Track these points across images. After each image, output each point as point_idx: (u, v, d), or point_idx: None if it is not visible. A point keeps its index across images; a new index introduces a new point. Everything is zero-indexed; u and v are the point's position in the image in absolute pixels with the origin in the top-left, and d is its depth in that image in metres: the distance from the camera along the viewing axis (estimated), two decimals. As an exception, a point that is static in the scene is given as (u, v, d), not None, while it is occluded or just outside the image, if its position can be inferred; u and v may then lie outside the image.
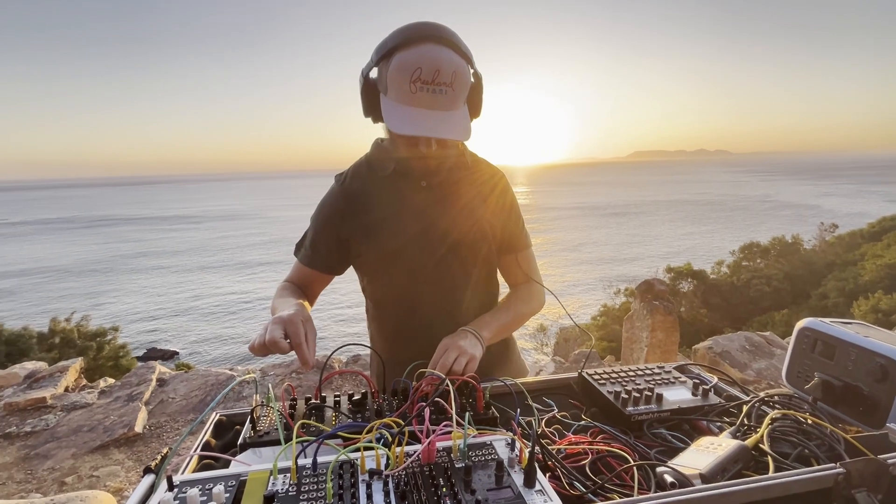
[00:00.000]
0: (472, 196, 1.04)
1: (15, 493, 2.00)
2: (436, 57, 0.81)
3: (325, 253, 1.04)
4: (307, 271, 1.06)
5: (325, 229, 1.04)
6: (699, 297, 15.32)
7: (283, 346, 0.77)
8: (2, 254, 43.29)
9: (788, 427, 0.79)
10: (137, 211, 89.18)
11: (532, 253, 1.16)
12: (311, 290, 1.08)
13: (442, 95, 0.82)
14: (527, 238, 1.14)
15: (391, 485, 0.57)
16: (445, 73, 0.81)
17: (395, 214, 1.01)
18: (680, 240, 37.47)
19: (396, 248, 1.01)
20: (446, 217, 1.02)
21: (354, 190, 1.02)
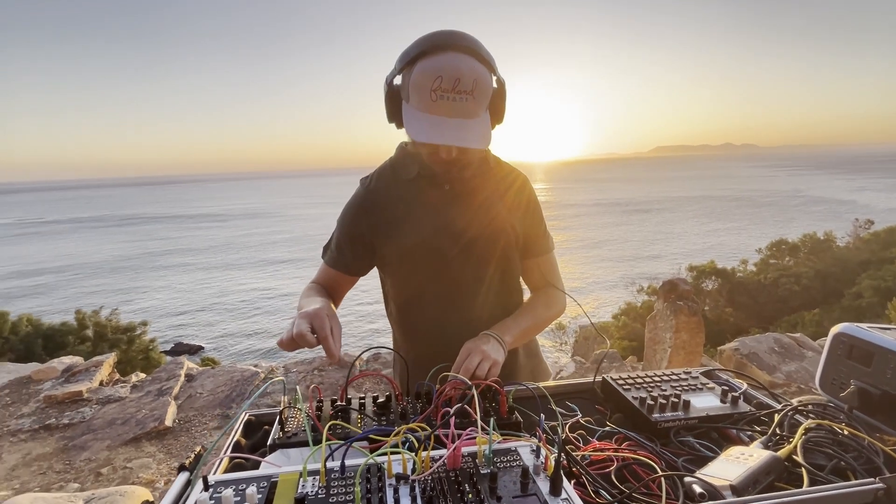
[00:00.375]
0: (492, 198, 1.04)
1: (55, 482, 2.10)
2: (456, 65, 0.81)
3: (349, 255, 1.06)
4: (332, 273, 1.08)
5: (349, 231, 1.05)
6: (724, 296, 14.92)
7: (310, 339, 0.79)
8: (38, 251, 45.15)
9: (823, 437, 0.76)
10: (164, 209, 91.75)
11: (554, 257, 1.16)
12: (337, 291, 1.09)
13: (462, 103, 0.82)
14: (549, 242, 1.13)
15: (417, 489, 0.58)
16: (466, 82, 0.81)
17: (414, 213, 1.02)
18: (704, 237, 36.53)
19: (414, 245, 1.02)
20: (464, 217, 1.02)
21: (378, 192, 1.04)
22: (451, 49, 0.82)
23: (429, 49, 0.82)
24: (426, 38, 0.84)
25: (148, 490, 0.93)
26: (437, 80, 0.81)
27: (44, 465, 2.22)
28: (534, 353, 1.22)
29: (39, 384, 2.91)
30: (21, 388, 2.88)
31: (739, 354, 3.46)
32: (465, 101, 0.83)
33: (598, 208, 59.85)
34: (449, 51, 0.82)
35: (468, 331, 1.00)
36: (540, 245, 1.11)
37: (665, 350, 3.03)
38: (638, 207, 58.25)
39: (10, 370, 3.06)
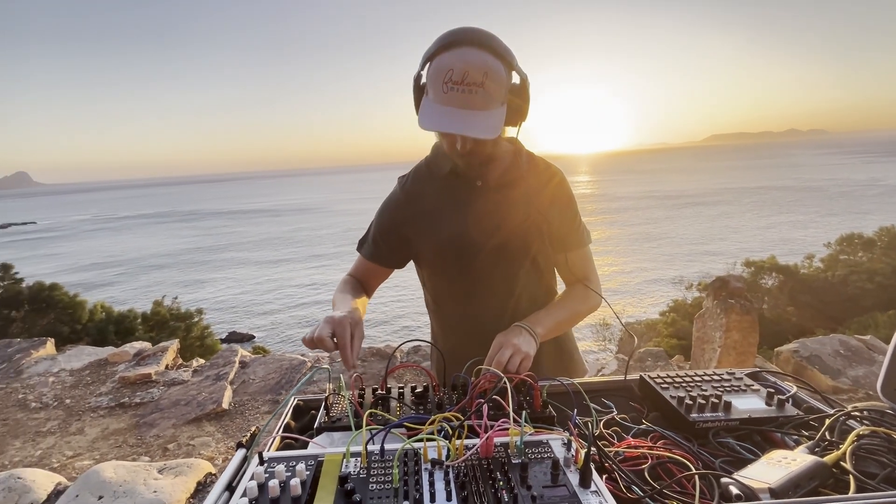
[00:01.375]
0: (524, 194, 1.05)
1: (128, 455, 2.32)
2: (467, 59, 0.84)
3: (385, 248, 1.10)
4: (368, 265, 1.12)
5: (386, 225, 1.10)
6: (786, 294, 13.95)
7: (328, 344, 0.83)
8: (112, 244, 49.12)
9: (878, 445, 0.73)
10: (221, 206, 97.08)
11: (588, 251, 1.15)
12: (371, 282, 1.14)
13: (473, 95, 0.84)
14: (583, 236, 1.12)
15: (451, 475, 0.61)
16: (475, 74, 0.84)
17: (448, 210, 1.05)
18: (766, 231, 34.11)
19: (447, 241, 1.05)
20: (497, 213, 1.04)
21: (414, 190, 1.08)
22: (465, 44, 0.85)
23: (444, 45, 0.86)
24: (442, 35, 0.88)
25: (210, 464, 1.03)
26: (449, 72, 0.84)
27: (119, 440, 2.46)
28: (568, 349, 1.22)
29: (115, 366, 3.20)
30: (99, 369, 3.19)
31: (799, 357, 3.26)
32: (475, 94, 0.85)
33: (647, 201, 57.29)
34: (462, 46, 0.85)
35: (501, 324, 1.02)
36: (574, 239, 1.11)
37: (714, 350, 2.91)
38: (691, 200, 55.26)
39: (90, 353, 3.39)
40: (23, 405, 2.76)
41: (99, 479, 0.96)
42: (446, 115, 0.86)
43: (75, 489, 0.92)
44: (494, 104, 0.88)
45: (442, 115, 0.86)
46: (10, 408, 2.75)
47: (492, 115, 0.88)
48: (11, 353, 3.38)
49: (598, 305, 1.14)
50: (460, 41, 0.85)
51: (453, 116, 0.85)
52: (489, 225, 1.04)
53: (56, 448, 2.38)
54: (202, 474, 1.03)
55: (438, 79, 0.85)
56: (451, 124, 0.85)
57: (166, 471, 0.98)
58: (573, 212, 1.11)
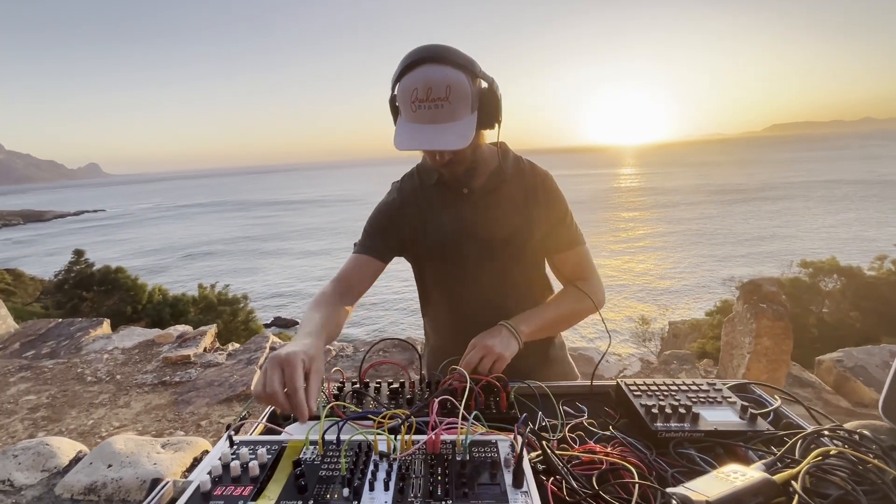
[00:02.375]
0: (510, 198, 1.07)
1: (167, 428, 2.54)
2: (427, 76, 0.87)
3: (380, 243, 1.10)
4: (363, 259, 1.09)
5: (380, 222, 1.12)
6: (848, 298, 12.94)
7: (280, 401, 0.69)
8: (173, 231, 52.49)
9: (839, 467, 0.70)
10: (271, 196, 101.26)
11: (584, 251, 1.14)
12: (362, 281, 1.09)
13: (438, 110, 0.88)
14: (574, 236, 1.13)
15: (394, 467, 0.66)
16: (438, 89, 0.87)
17: (437, 217, 1.08)
18: (834, 229, 31.46)
19: (437, 246, 1.08)
20: (484, 219, 1.07)
21: (405, 196, 1.12)
22: (425, 62, 0.88)
23: (406, 67, 0.90)
24: (405, 56, 0.91)
25: (208, 442, 1.13)
26: (414, 91, 0.88)
27: (159, 414, 2.69)
28: (557, 351, 1.23)
29: (160, 346, 3.48)
30: (147, 349, 3.48)
31: (842, 367, 3.06)
32: (441, 108, 0.88)
33: (698, 195, 54.31)
34: (423, 64, 0.88)
35: (490, 324, 1.04)
36: (565, 240, 1.12)
37: (743, 356, 2.78)
38: (748, 195, 51.88)
39: (140, 334, 3.70)
40: (80, 378, 3.07)
41: (111, 449, 1.08)
42: (417, 132, 0.89)
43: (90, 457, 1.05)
44: (463, 114, 0.91)
45: (413, 132, 0.90)
46: (70, 380, 3.07)
47: (461, 125, 0.90)
48: (73, 331, 3.75)
49: (594, 309, 1.13)
50: (420, 60, 0.89)
51: (423, 133, 0.89)
52: (477, 231, 1.07)
53: (105, 419, 2.64)
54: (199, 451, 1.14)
55: (406, 99, 0.90)
56: (422, 141, 0.89)
57: (168, 446, 1.10)
58: (562, 213, 1.11)
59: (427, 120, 0.89)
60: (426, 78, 0.87)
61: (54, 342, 3.60)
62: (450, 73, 0.88)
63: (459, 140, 0.89)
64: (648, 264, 25.66)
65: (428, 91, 0.87)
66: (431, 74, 0.88)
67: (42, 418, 2.64)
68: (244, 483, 0.64)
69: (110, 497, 0.97)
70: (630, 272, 24.78)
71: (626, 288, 21.71)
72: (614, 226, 37.62)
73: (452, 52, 0.90)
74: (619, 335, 15.68)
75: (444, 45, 0.91)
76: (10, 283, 17.26)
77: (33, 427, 2.54)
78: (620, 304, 20.34)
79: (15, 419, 2.63)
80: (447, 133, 0.89)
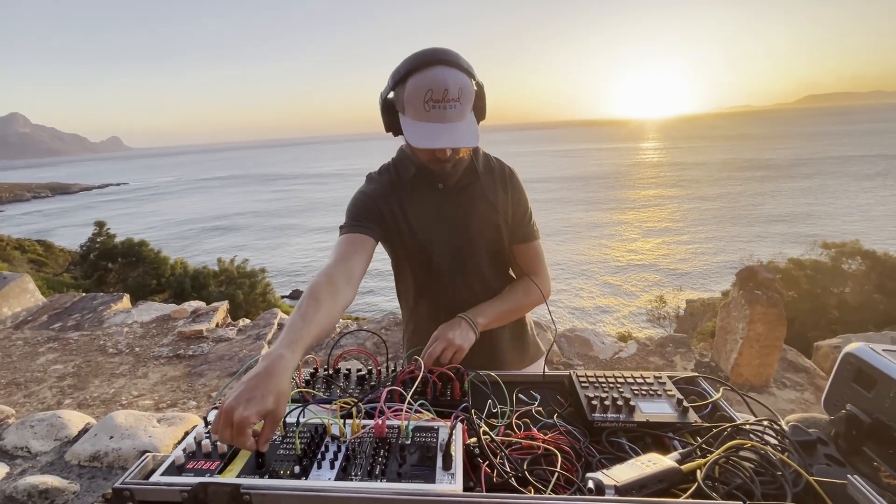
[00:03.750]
0: (482, 193, 1.13)
1: (181, 399, 2.74)
2: (444, 78, 0.92)
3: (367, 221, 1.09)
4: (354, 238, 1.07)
5: (364, 205, 1.12)
6: (872, 281, 12.59)
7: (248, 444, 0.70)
8: (196, 203, 53.54)
9: (747, 460, 0.77)
10: (293, 169, 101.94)
11: (538, 245, 1.21)
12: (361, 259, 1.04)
13: (452, 110, 0.94)
14: (532, 230, 1.19)
15: (342, 448, 0.75)
16: (453, 91, 0.93)
17: (415, 211, 1.14)
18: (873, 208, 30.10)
19: (412, 241, 1.14)
20: (458, 213, 1.13)
21: (386, 185, 1.15)
22: (438, 64, 0.93)
23: (418, 66, 0.94)
24: (413, 57, 0.96)
25: (199, 418, 1.24)
26: (428, 92, 0.92)
27: (174, 385, 2.88)
28: (521, 335, 1.30)
29: (176, 321, 3.68)
30: (164, 323, 3.68)
31: (839, 353, 3.07)
32: (454, 108, 0.94)
33: (725, 171, 52.37)
34: (436, 66, 0.93)
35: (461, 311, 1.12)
36: (523, 233, 1.18)
37: (736, 341, 2.82)
38: (778, 171, 49.83)
39: (157, 308, 3.91)
40: (102, 350, 3.29)
41: (113, 423, 1.22)
42: (433, 131, 0.95)
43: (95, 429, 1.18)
44: (468, 114, 0.98)
45: (429, 131, 0.95)
46: (93, 352, 3.29)
47: (469, 124, 0.98)
48: (96, 304, 3.98)
49: (542, 300, 1.20)
50: (433, 61, 0.93)
51: (440, 132, 0.94)
52: (451, 225, 1.13)
53: (125, 388, 2.85)
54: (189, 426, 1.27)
55: (418, 97, 0.93)
56: (442, 139, 0.95)
57: (163, 421, 1.22)
58: (525, 207, 1.18)
59: (439, 119, 0.94)
60: (444, 79, 0.92)
61: (79, 315, 3.83)
62: (460, 76, 0.94)
63: (473, 138, 0.96)
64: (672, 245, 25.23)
65: (444, 92, 0.92)
66: (448, 77, 0.93)
67: (69, 386, 2.86)
68: (213, 459, 0.74)
69: (111, 464, 1.11)
70: (653, 252, 24.45)
71: (647, 268, 21.50)
72: (638, 203, 36.85)
73: (459, 57, 0.96)
74: (638, 316, 15.64)
75: (448, 48, 0.97)
76: (41, 253, 18.03)
77: (60, 394, 2.77)
78: (640, 283, 20.19)
79: (44, 387, 2.86)
80: (461, 131, 0.95)
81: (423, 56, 0.94)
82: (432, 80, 0.92)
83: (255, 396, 0.71)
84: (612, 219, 31.99)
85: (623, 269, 22.52)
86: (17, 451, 1.17)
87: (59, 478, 1.02)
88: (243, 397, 0.70)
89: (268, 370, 0.75)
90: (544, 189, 44.86)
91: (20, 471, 1.10)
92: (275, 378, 0.74)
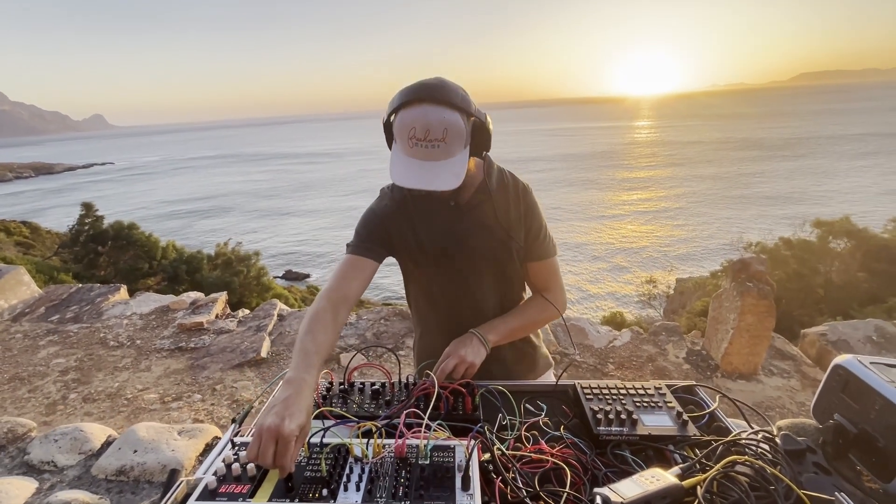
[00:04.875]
0: (493, 212, 1.14)
1: (186, 392, 2.78)
2: (427, 118, 0.92)
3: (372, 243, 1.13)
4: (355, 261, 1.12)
5: (373, 224, 1.16)
6: (858, 259, 12.85)
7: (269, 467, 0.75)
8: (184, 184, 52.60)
9: (743, 475, 0.83)
10: (284, 148, 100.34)
11: (554, 262, 1.22)
12: (359, 282, 1.11)
13: (434, 149, 0.93)
14: (548, 248, 1.19)
15: (366, 470, 0.80)
16: (436, 131, 0.92)
17: (427, 229, 1.15)
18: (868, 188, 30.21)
19: (424, 256, 1.16)
20: (469, 231, 1.14)
21: (394, 206, 1.17)
22: (425, 101, 0.92)
23: (405, 102, 0.94)
24: (406, 90, 0.96)
25: (217, 428, 1.29)
26: (412, 129, 0.92)
27: (178, 378, 2.93)
28: (530, 350, 1.34)
29: (175, 312, 3.70)
30: (163, 315, 3.70)
31: (825, 341, 3.18)
32: (437, 148, 0.93)
33: (719, 151, 52.32)
34: (423, 103, 0.92)
35: (472, 327, 1.15)
36: (538, 251, 1.19)
37: (727, 331, 2.91)
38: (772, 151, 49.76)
39: (155, 300, 3.92)
40: (103, 343, 3.31)
41: (136, 437, 1.25)
42: (412, 168, 0.95)
43: (118, 443, 1.22)
44: (456, 151, 0.97)
45: (408, 169, 0.95)
46: (94, 345, 3.31)
47: (454, 163, 0.96)
48: (93, 296, 3.97)
49: (557, 316, 1.22)
50: (419, 98, 0.93)
51: (419, 170, 0.94)
52: (461, 242, 1.14)
53: (129, 382, 2.88)
54: (209, 437, 1.31)
55: (403, 133, 0.94)
56: (416, 180, 0.94)
57: (183, 433, 1.26)
58: (539, 225, 1.18)
59: (422, 156, 0.94)
60: (425, 119, 0.92)
61: (77, 307, 3.83)
62: (447, 114, 0.93)
63: (452, 180, 0.95)
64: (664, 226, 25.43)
65: (426, 132, 0.92)
66: (430, 116, 0.92)
67: (72, 380, 2.89)
68: (243, 482, 0.79)
69: (137, 479, 1.15)
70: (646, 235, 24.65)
71: (638, 253, 21.72)
72: (630, 185, 36.92)
73: (450, 92, 0.95)
74: (631, 297, 15.87)
75: (443, 81, 0.96)
76: (27, 236, 17.71)
77: (65, 389, 2.80)
78: (631, 265, 20.43)
79: (48, 381, 2.89)
80: (441, 172, 0.95)
81: (412, 91, 0.94)
82: (415, 119, 0.92)
83: (294, 412, 0.78)
84: (602, 199, 32.11)
85: (615, 251, 22.77)
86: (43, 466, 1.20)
87: (90, 493, 1.05)
88: (283, 414, 0.76)
89: (297, 391, 0.82)
90: (536, 168, 44.72)
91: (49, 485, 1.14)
92: (303, 397, 0.82)
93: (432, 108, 0.93)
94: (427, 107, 0.93)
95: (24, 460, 1.21)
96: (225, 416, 2.57)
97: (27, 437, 1.34)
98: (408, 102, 0.94)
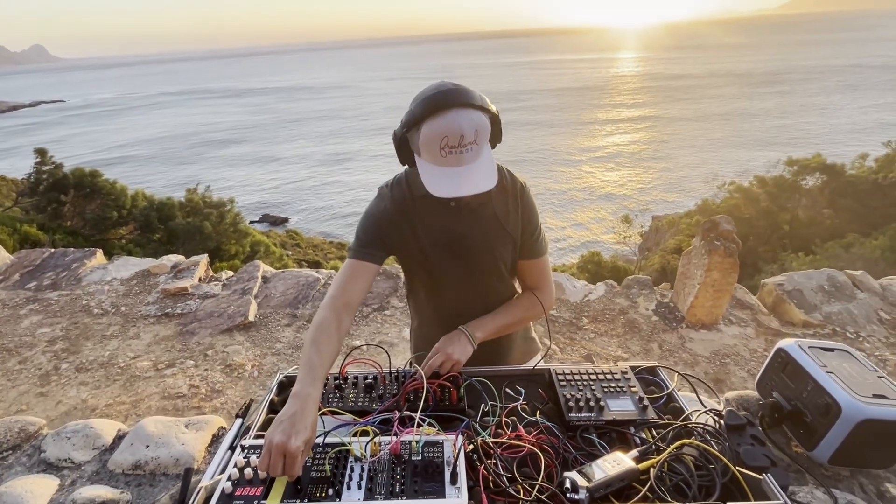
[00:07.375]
0: (493, 211, 1.17)
1: (178, 358, 2.86)
2: (459, 124, 0.92)
3: (373, 247, 1.16)
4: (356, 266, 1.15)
5: (372, 227, 1.17)
6: (825, 196, 13.30)
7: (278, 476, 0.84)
8: (155, 121, 49.38)
9: (692, 456, 0.97)
10: (256, 83, 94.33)
11: (544, 260, 1.26)
12: (360, 290, 1.15)
13: (468, 153, 0.95)
14: (540, 247, 1.24)
15: (365, 468, 0.90)
16: (469, 135, 0.93)
17: (427, 229, 1.17)
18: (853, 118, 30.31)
19: (424, 255, 1.19)
20: (469, 231, 1.17)
21: (394, 205, 1.18)
22: (452, 107, 0.92)
23: (431, 111, 0.93)
24: (426, 100, 0.94)
25: (223, 419, 1.37)
26: (444, 139, 0.93)
27: (168, 345, 2.99)
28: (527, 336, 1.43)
29: (156, 277, 3.68)
30: (144, 279, 3.68)
31: (782, 290, 3.42)
32: (470, 151, 0.95)
33: (703, 86, 51.52)
34: (450, 109, 0.92)
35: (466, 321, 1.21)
36: (531, 250, 1.23)
37: (694, 286, 3.10)
38: (756, 83, 49.14)
39: (134, 264, 3.86)
40: (87, 310, 3.31)
41: (145, 432, 1.33)
42: (451, 177, 0.96)
43: (130, 438, 1.29)
44: (484, 150, 0.99)
45: (448, 178, 0.96)
46: (78, 313, 3.31)
47: (485, 161, 0.99)
48: (69, 261, 3.90)
49: (544, 313, 1.27)
50: (446, 105, 0.92)
51: (458, 178, 0.95)
52: (461, 243, 1.17)
53: (120, 350, 2.94)
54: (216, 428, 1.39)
55: (434, 145, 0.94)
56: (459, 188, 0.95)
57: (190, 426, 1.34)
58: (535, 224, 1.21)
59: (456, 163, 0.95)
60: (458, 125, 0.92)
61: (53, 273, 3.77)
62: (475, 115, 0.94)
63: (491, 177, 0.98)
64: (645, 169, 25.60)
65: (460, 138, 0.92)
66: (462, 121, 0.92)
67: (62, 350, 2.93)
68: (256, 485, 0.88)
69: (153, 472, 1.23)
70: (623, 174, 24.82)
71: (615, 195, 21.98)
72: (613, 127, 36.51)
73: (470, 92, 0.95)
74: (605, 237, 16.30)
75: (453, 83, 0.96)
76: (-18, 184, 16.72)
77: (56, 359, 2.84)
78: (608, 205, 20.77)
79: (36, 351, 2.92)
80: (478, 174, 0.97)
81: (436, 101, 0.93)
82: (448, 127, 0.92)
83: (300, 430, 0.85)
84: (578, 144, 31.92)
85: (592, 191, 23.05)
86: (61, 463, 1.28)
87: (111, 488, 1.14)
88: (290, 432, 0.84)
89: (303, 407, 0.89)
90: (518, 108, 43.55)
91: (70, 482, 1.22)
92: (308, 413, 0.89)
93: (462, 112, 0.93)
94: (456, 112, 0.93)
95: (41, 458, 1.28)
96: (220, 381, 2.69)
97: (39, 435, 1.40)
98: (434, 111, 0.93)
